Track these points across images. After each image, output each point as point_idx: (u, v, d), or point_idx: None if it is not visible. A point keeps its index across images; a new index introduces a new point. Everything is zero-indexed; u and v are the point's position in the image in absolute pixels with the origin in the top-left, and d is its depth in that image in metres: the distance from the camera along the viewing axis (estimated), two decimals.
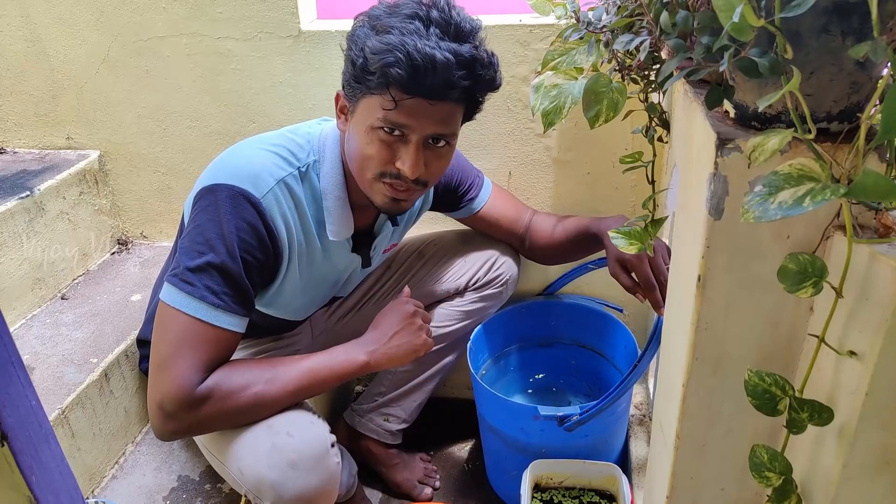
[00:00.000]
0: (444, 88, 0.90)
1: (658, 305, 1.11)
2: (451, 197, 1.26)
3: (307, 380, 0.98)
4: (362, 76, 0.91)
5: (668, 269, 1.12)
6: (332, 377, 1.00)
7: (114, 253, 1.62)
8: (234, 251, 0.94)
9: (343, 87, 0.98)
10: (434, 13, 0.89)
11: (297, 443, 0.94)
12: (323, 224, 1.06)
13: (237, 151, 1.02)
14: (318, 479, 0.94)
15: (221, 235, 0.93)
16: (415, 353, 1.07)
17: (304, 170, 1.02)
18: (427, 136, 0.95)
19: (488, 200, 1.29)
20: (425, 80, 0.88)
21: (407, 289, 1.14)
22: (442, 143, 0.98)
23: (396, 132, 0.93)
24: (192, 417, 0.92)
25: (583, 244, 1.24)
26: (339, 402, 1.61)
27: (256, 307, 1.07)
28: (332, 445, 0.98)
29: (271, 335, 1.24)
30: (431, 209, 1.28)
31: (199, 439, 1.10)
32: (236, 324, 0.96)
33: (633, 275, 1.13)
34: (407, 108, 0.91)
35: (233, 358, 1.16)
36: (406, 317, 1.08)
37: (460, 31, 0.90)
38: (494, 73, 0.96)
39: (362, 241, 1.15)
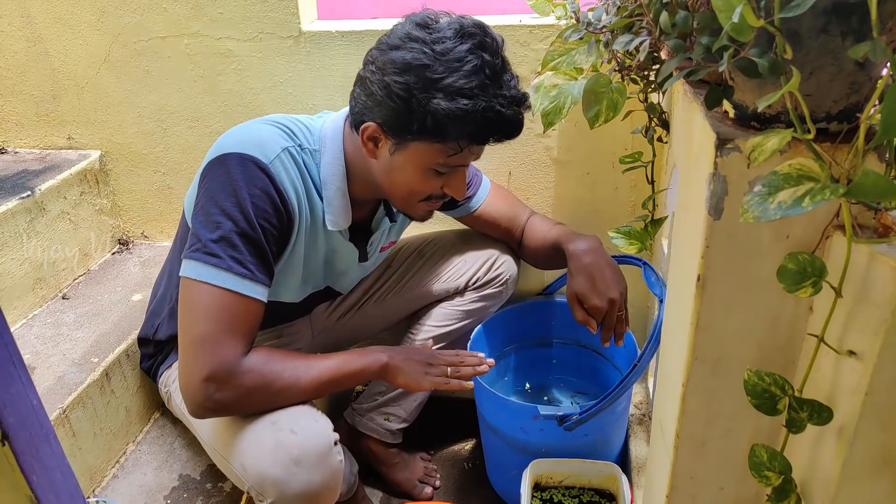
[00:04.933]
0: (512, 137, 0.99)
1: (605, 340, 1.17)
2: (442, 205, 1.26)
3: (335, 373, 1.01)
4: (432, 130, 0.94)
5: (625, 315, 1.17)
6: (354, 375, 1.03)
7: (114, 253, 1.63)
8: (251, 219, 0.94)
9: (383, 128, 0.97)
10: (487, 56, 0.93)
11: (300, 440, 0.94)
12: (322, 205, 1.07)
13: (239, 126, 1.04)
14: (322, 477, 0.94)
15: (238, 204, 0.94)
16: (423, 378, 1.08)
17: (303, 149, 1.04)
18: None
19: (486, 199, 1.29)
20: (500, 136, 0.98)
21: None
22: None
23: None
24: (239, 389, 0.93)
25: (555, 258, 1.24)
26: (340, 402, 1.62)
27: None
28: (336, 443, 0.98)
29: (269, 327, 1.24)
30: None
31: (201, 435, 1.10)
32: (262, 293, 0.97)
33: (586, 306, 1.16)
34: (467, 152, 0.99)
35: None
36: (430, 358, 1.11)
37: (506, 65, 0.97)
38: None
39: (360, 234, 1.15)
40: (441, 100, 0.91)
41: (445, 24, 0.94)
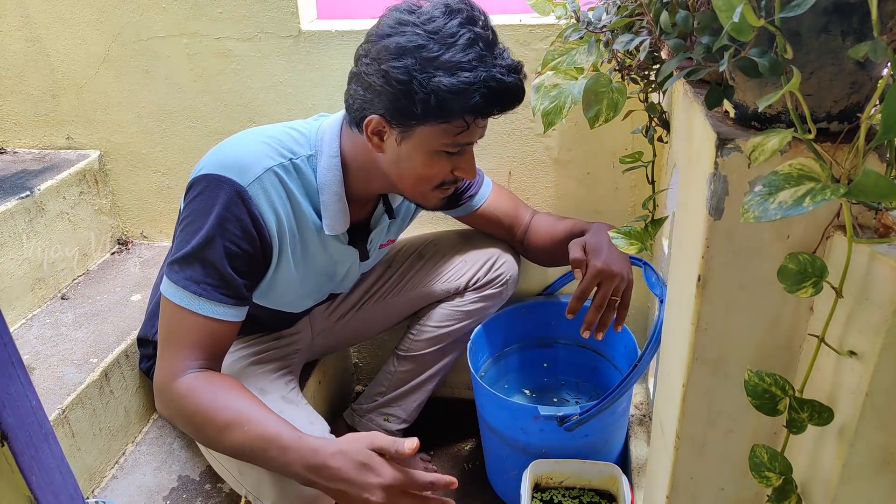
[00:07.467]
0: (514, 105, 0.98)
1: (587, 324, 1.16)
2: (451, 195, 1.26)
3: (249, 451, 0.91)
4: (436, 110, 0.93)
5: (622, 303, 1.16)
6: (279, 466, 0.90)
7: (114, 253, 1.62)
8: (214, 241, 0.95)
9: (386, 117, 0.96)
10: (478, 30, 0.93)
11: None
12: (318, 216, 1.06)
13: (229, 142, 1.03)
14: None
15: (204, 226, 0.95)
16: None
17: (297, 161, 1.03)
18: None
19: (487, 199, 1.29)
20: (504, 105, 0.96)
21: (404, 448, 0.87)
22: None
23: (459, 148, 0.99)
24: (166, 407, 0.97)
25: (564, 249, 1.23)
26: (339, 403, 1.61)
27: (254, 300, 1.08)
28: None
29: (271, 331, 1.24)
30: None
31: None
32: (221, 312, 0.97)
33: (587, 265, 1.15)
34: (474, 127, 0.98)
35: (234, 357, 1.16)
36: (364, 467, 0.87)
37: (496, 37, 0.96)
38: None
39: (358, 234, 1.15)
40: (443, 77, 0.91)
41: (431, 6, 0.94)
